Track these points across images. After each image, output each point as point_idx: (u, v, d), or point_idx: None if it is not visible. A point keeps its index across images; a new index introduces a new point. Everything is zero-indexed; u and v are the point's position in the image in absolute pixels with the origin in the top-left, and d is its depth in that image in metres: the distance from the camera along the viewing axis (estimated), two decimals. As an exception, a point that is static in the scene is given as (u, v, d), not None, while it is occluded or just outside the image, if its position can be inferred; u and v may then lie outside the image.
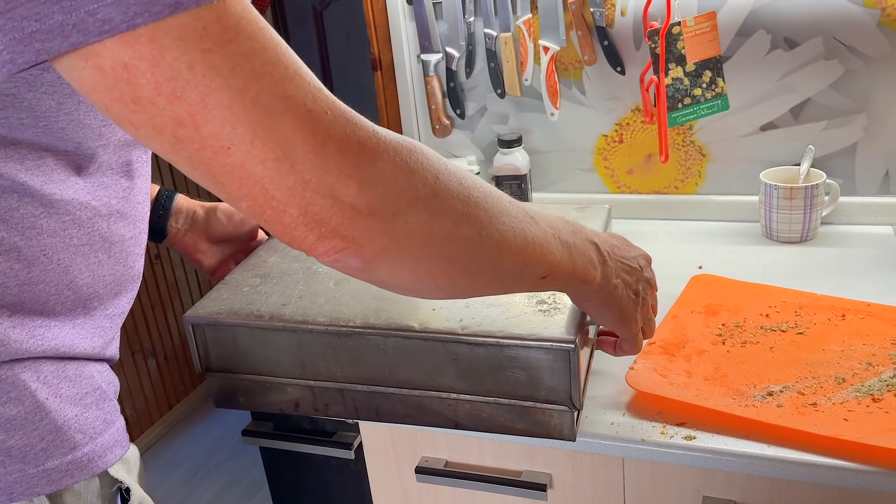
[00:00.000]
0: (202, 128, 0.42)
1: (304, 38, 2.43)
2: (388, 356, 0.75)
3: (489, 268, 0.55)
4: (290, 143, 0.43)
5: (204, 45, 0.40)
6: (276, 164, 0.43)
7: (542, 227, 0.59)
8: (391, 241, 0.48)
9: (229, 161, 0.43)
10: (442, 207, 0.50)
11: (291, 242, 0.47)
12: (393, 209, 0.47)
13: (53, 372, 0.59)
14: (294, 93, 0.43)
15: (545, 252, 0.58)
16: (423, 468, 0.89)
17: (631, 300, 0.70)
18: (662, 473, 0.80)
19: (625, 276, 0.69)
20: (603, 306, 0.69)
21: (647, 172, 1.31)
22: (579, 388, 0.71)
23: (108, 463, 0.62)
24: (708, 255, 1.14)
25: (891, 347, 0.84)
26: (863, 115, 1.16)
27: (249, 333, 0.79)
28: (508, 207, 0.56)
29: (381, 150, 0.47)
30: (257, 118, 0.42)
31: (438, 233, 0.50)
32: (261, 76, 0.42)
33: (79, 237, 0.60)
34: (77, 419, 0.60)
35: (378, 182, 0.46)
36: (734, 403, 0.77)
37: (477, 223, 0.52)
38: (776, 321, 0.92)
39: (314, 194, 0.44)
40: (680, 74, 1.15)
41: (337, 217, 0.45)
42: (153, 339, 2.31)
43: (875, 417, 0.73)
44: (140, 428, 2.26)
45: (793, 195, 1.12)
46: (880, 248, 1.10)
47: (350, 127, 0.45)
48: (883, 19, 1.10)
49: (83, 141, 0.57)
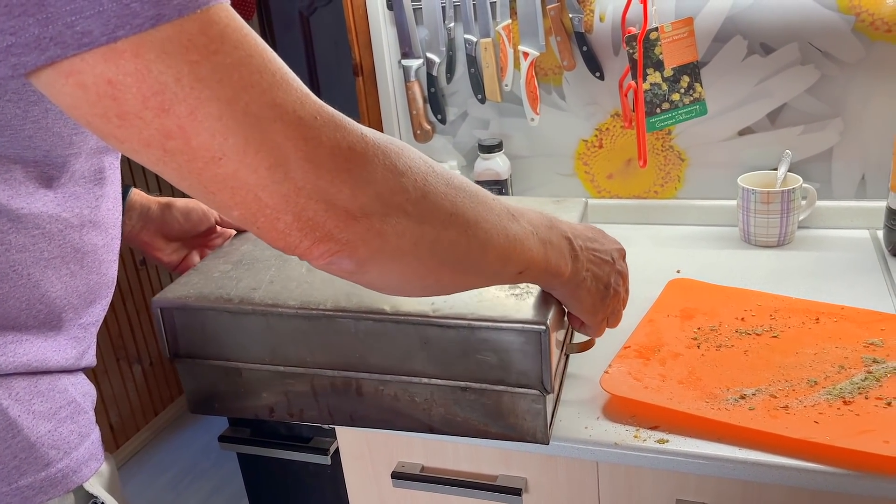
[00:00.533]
0: (192, 140, 0.41)
1: (291, 44, 2.43)
2: (359, 340, 0.74)
3: (474, 266, 0.56)
4: (283, 150, 0.43)
5: (190, 57, 0.40)
6: (270, 173, 0.43)
7: (522, 225, 0.60)
8: (384, 243, 0.49)
9: (221, 171, 0.43)
10: (431, 209, 0.51)
11: (286, 248, 0.47)
12: (385, 211, 0.48)
13: (25, 388, 0.58)
14: (283, 100, 0.43)
15: (524, 249, 0.60)
16: (399, 473, 0.89)
17: (599, 292, 0.72)
18: (636, 477, 0.80)
19: (595, 270, 0.71)
20: (570, 297, 0.71)
21: (627, 177, 1.31)
22: (550, 371, 0.71)
23: (83, 478, 0.61)
24: (686, 260, 1.15)
25: (863, 350, 0.84)
26: (839, 120, 1.16)
27: (218, 317, 0.78)
28: (493, 205, 0.57)
29: (370, 153, 0.47)
30: (248, 127, 0.42)
31: (428, 233, 0.51)
32: (249, 85, 0.42)
33: (49, 250, 0.58)
34: (50, 435, 0.59)
35: (370, 185, 0.47)
36: (707, 407, 0.78)
37: (464, 224, 0.54)
38: (751, 325, 0.93)
39: (308, 200, 0.45)
40: (658, 80, 1.15)
41: (331, 221, 0.46)
42: (138, 345, 2.30)
43: (845, 420, 0.73)
44: (126, 434, 2.25)
45: (770, 199, 1.13)
46: (856, 252, 1.11)
47: (339, 131, 0.46)
48: (857, 24, 1.10)
49: (52, 150, 0.56)
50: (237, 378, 0.82)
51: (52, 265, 0.59)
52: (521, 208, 0.63)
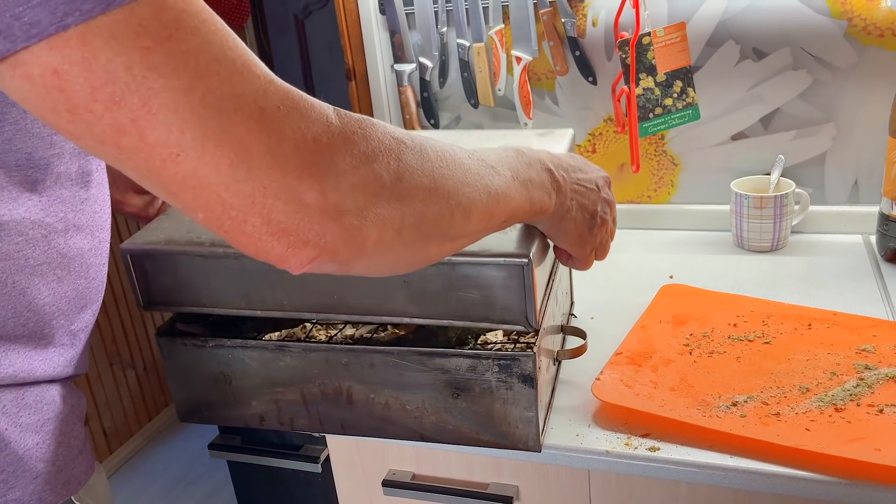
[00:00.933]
0: (147, 134, 0.39)
1: (286, 48, 2.43)
2: (337, 280, 0.72)
3: (460, 233, 0.54)
4: (244, 145, 0.40)
5: (141, 42, 0.37)
6: (231, 170, 0.40)
7: (502, 175, 0.57)
8: (366, 239, 0.45)
9: (180, 169, 0.40)
10: (409, 189, 0.48)
11: (257, 254, 0.44)
12: (361, 205, 0.44)
13: (12, 401, 0.57)
14: (244, 90, 0.40)
15: (507, 200, 0.57)
16: (390, 481, 0.88)
17: (585, 222, 0.70)
18: (627, 485, 0.80)
19: (579, 199, 0.69)
20: (556, 230, 0.69)
21: (621, 182, 1.31)
22: (535, 307, 0.69)
23: (71, 491, 0.60)
24: (680, 265, 1.14)
25: (855, 357, 0.84)
26: (831, 125, 1.16)
27: (191, 262, 0.75)
28: (470, 166, 0.54)
29: (337, 143, 0.43)
30: (207, 120, 0.39)
31: (409, 216, 0.48)
32: (207, 74, 0.39)
33: (35, 257, 0.58)
34: (38, 448, 0.58)
35: (341, 178, 0.43)
36: (698, 414, 0.77)
37: (445, 195, 0.51)
38: (744, 331, 0.92)
39: (276, 200, 0.41)
40: (651, 84, 1.15)
41: (305, 223, 0.42)
42: (132, 350, 2.29)
43: (837, 427, 0.73)
44: (119, 439, 2.24)
45: (763, 204, 1.13)
46: (849, 257, 1.11)
47: (304, 122, 0.42)
48: (850, 29, 1.10)
49: (33, 151, 0.55)
50: (227, 386, 0.81)
51: (38, 272, 0.58)
52: (499, 154, 0.60)
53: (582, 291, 1.07)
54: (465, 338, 0.81)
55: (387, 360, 0.75)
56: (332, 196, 0.43)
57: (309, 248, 0.43)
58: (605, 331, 0.95)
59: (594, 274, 1.13)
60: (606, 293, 1.08)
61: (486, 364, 0.72)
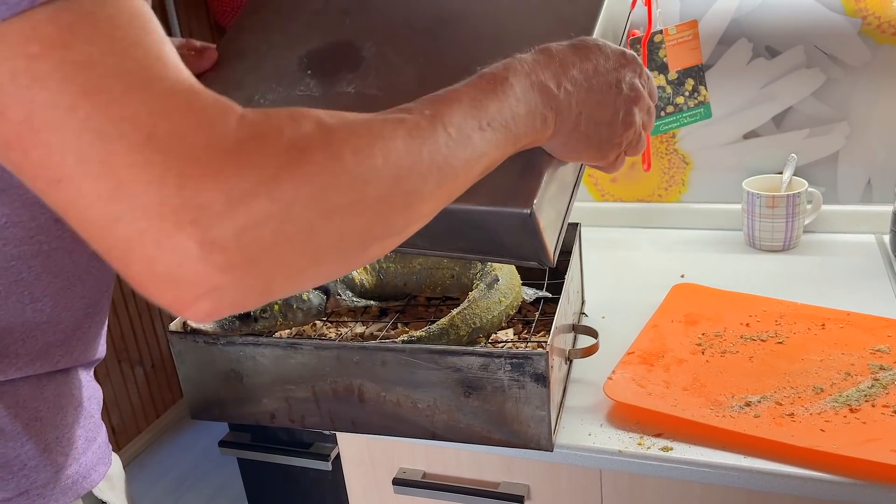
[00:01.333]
0: (31, 153, 0.34)
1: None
2: None
3: (407, 223, 0.45)
4: (122, 180, 0.34)
5: (30, 48, 0.33)
6: (108, 207, 0.34)
7: (470, 140, 0.47)
8: (271, 285, 0.38)
9: (61, 197, 0.35)
10: (322, 213, 0.38)
11: (152, 300, 0.37)
12: (257, 250, 0.36)
13: (31, 394, 0.57)
14: (134, 112, 0.34)
15: (472, 164, 0.48)
16: (400, 479, 0.88)
17: (598, 135, 0.58)
18: (640, 485, 0.79)
19: (589, 111, 0.56)
20: (563, 150, 0.58)
21: (631, 181, 1.31)
22: (546, 249, 0.61)
23: (92, 483, 0.60)
24: (691, 264, 1.14)
25: (869, 357, 0.84)
26: (844, 124, 1.16)
27: None
28: (410, 145, 0.43)
29: (244, 166, 0.35)
30: (87, 146, 0.34)
31: (325, 244, 0.39)
32: (95, 91, 0.34)
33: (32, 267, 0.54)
34: (58, 441, 0.58)
35: (231, 221, 0.35)
36: (711, 414, 0.77)
37: (374, 203, 0.41)
38: (756, 330, 0.92)
39: (155, 249, 0.34)
40: (662, 83, 1.15)
41: (191, 276, 0.35)
42: (140, 347, 2.29)
43: (852, 428, 0.73)
44: (127, 436, 2.25)
45: (775, 204, 1.12)
46: (862, 257, 1.10)
47: (197, 149, 0.35)
48: (864, 27, 1.10)
49: None
50: (238, 384, 0.81)
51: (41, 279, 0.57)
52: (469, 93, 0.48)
53: (593, 290, 1.07)
54: (476, 337, 0.81)
55: (398, 358, 0.75)
56: (218, 247, 0.35)
57: (203, 302, 0.36)
58: (617, 330, 0.95)
59: (605, 273, 1.13)
60: (617, 292, 1.07)
61: (498, 363, 0.72)
